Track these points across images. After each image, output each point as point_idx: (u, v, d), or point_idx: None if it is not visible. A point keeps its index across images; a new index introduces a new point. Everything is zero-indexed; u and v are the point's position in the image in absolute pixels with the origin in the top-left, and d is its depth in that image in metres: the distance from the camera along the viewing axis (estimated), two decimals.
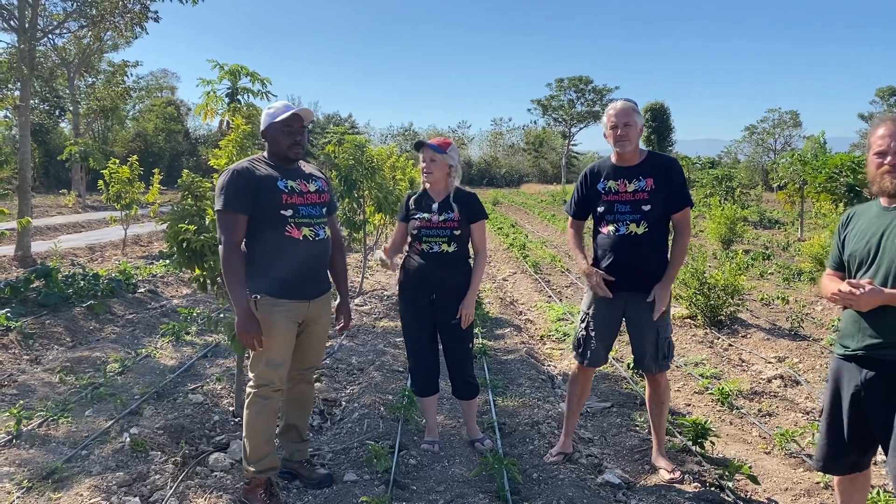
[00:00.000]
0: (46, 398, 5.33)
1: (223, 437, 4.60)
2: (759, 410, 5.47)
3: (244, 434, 3.58)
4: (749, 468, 4.05)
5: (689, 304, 8.25)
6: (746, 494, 4.00)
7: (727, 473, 4.01)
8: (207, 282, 4.64)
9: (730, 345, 7.37)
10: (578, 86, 73.58)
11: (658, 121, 53.56)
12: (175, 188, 4.74)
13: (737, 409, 5.42)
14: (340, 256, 3.96)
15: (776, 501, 3.95)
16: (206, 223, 4.45)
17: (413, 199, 4.32)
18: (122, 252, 14.85)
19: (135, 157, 15.04)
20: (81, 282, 8.78)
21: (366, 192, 9.90)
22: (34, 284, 8.41)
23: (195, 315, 8.17)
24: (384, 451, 4.14)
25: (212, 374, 6.03)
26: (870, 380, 2.83)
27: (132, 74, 38.11)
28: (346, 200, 9.68)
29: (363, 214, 10.20)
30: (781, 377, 6.15)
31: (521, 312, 9.45)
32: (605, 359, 4.29)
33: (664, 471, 4.15)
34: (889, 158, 2.82)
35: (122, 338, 7.38)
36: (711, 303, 8.00)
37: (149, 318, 8.28)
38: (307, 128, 3.72)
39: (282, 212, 3.51)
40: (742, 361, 6.83)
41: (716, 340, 7.58)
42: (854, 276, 2.92)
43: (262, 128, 3.65)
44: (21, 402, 4.95)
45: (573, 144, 76.36)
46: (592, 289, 4.06)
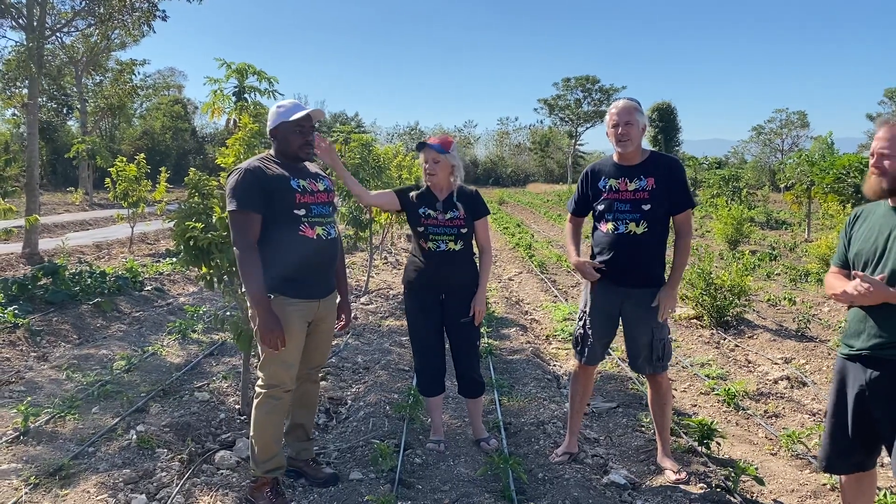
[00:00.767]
0: (53, 395, 5.36)
1: (229, 435, 4.62)
2: (766, 411, 5.45)
3: (252, 434, 3.58)
4: (755, 469, 4.04)
5: (696, 305, 8.23)
6: (752, 496, 3.99)
7: (733, 474, 3.99)
8: (214, 280, 4.65)
9: (736, 345, 7.35)
10: (585, 85, 73.60)
11: (665, 121, 53.50)
12: (182, 186, 4.76)
13: (743, 410, 5.40)
14: (340, 255, 3.96)
15: (782, 503, 3.93)
16: (213, 221, 4.46)
17: (415, 195, 4.26)
18: (129, 250, 14.90)
19: (142, 156, 15.08)
20: (88, 279, 8.81)
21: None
22: (41, 282, 8.44)
23: (201, 313, 8.19)
24: (389, 450, 4.14)
25: (218, 373, 6.04)
26: (874, 379, 2.83)
27: (139, 73, 38.29)
28: (353, 199, 9.68)
29: (369, 213, 10.20)
30: (788, 378, 6.13)
31: (527, 312, 9.44)
32: (603, 357, 4.30)
33: (670, 471, 4.15)
34: (873, 160, 2.87)
35: (129, 335, 7.40)
36: (718, 303, 7.98)
37: (155, 316, 8.31)
38: (316, 128, 3.72)
39: (295, 211, 3.50)
40: (748, 362, 6.81)
41: (722, 341, 7.56)
42: None
43: (272, 126, 3.62)
44: (28, 399, 4.97)
45: (579, 144, 76.34)
46: (584, 276, 4.09)
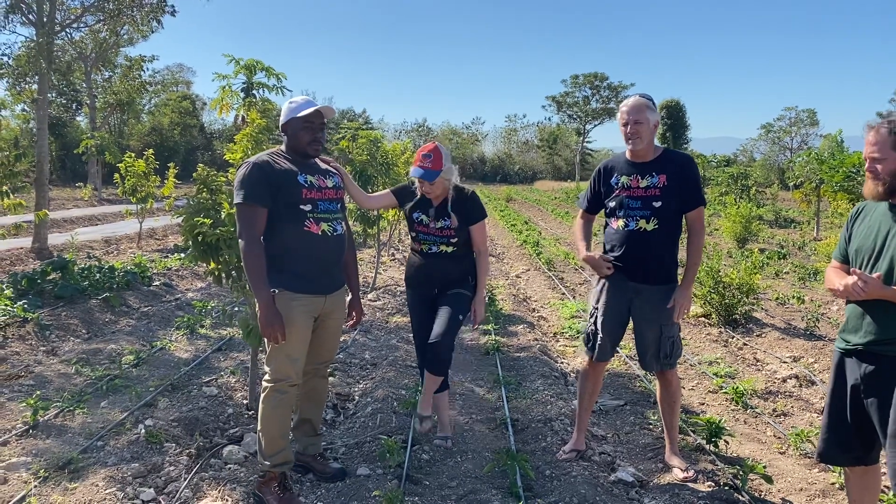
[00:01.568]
0: (62, 389, 5.38)
1: (237, 430, 4.63)
2: (774, 410, 5.43)
3: (259, 428, 3.59)
4: (763, 468, 4.03)
5: (704, 303, 8.21)
6: (760, 494, 3.97)
7: (741, 473, 3.98)
8: (222, 275, 4.66)
9: (744, 344, 7.33)
10: (594, 82, 73.41)
11: (673, 118, 53.32)
12: (190, 182, 4.76)
13: (751, 409, 5.38)
14: (351, 252, 3.96)
15: (790, 502, 3.92)
16: (222, 217, 4.46)
17: (412, 198, 4.19)
18: (138, 245, 14.94)
19: (150, 151, 15.09)
20: (97, 274, 8.85)
21: (380, 188, 9.90)
22: (51, 276, 8.48)
23: (210, 308, 8.21)
24: (397, 446, 4.14)
25: (226, 368, 6.06)
26: (869, 374, 2.86)
27: (148, 69, 38.29)
28: None
29: (377, 210, 10.20)
30: (796, 377, 6.11)
31: (535, 309, 9.43)
32: (612, 353, 4.28)
33: (678, 469, 4.14)
34: (867, 165, 2.90)
35: (137, 330, 7.43)
36: (726, 302, 7.96)
37: (164, 311, 8.33)
38: (326, 125, 3.72)
39: (301, 206, 3.51)
40: (757, 361, 6.79)
41: (730, 339, 7.54)
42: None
43: (283, 122, 3.64)
44: (38, 393, 4.99)
45: (588, 141, 76.20)
46: (596, 271, 4.07)
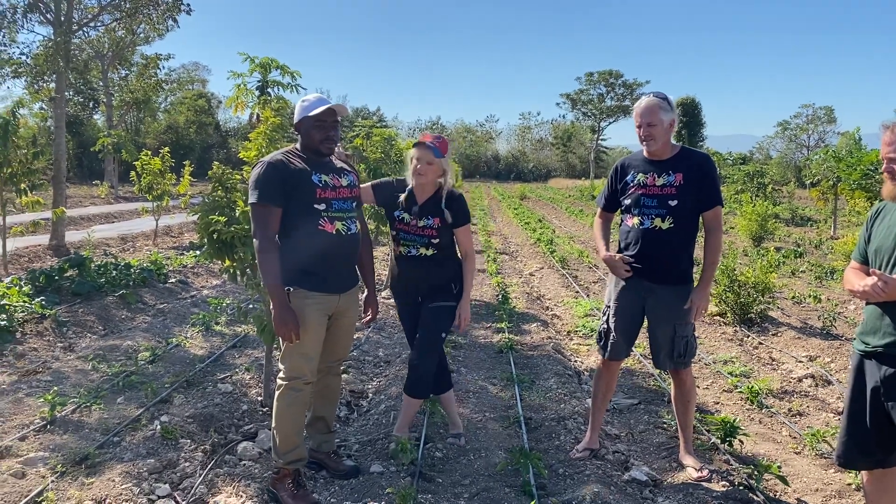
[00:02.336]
0: (79, 385, 5.43)
1: (251, 427, 4.66)
2: (790, 410, 5.39)
3: (274, 425, 3.61)
4: (778, 468, 4.00)
5: (719, 302, 8.16)
6: (776, 494, 3.95)
7: (756, 473, 3.96)
8: (237, 273, 4.69)
9: (760, 343, 7.28)
10: (608, 80, 73.11)
11: (688, 116, 53.00)
12: (205, 180, 4.80)
13: (766, 408, 5.35)
14: (367, 250, 3.97)
15: (806, 502, 3.90)
16: (237, 215, 4.49)
17: (399, 196, 4.11)
18: (154, 242, 15.05)
19: (166, 149, 15.21)
20: (114, 271, 8.92)
21: None
22: (68, 273, 8.56)
23: (224, 305, 8.26)
24: (410, 444, 4.15)
25: (240, 365, 6.09)
26: (889, 377, 2.83)
27: (164, 67, 38.55)
28: None
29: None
30: (812, 377, 6.06)
31: (548, 308, 9.41)
32: (627, 352, 4.27)
33: (692, 469, 4.12)
34: (884, 165, 2.87)
35: (153, 327, 7.48)
36: (741, 300, 7.91)
37: (179, 308, 8.39)
38: (339, 123, 3.73)
39: (315, 205, 3.53)
40: (772, 360, 6.75)
41: (745, 338, 7.49)
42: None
43: (296, 120, 3.66)
44: (55, 389, 5.04)
45: (602, 139, 75.94)
46: (614, 272, 4.05)
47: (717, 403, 5.54)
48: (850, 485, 4.01)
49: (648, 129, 3.85)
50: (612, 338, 4.12)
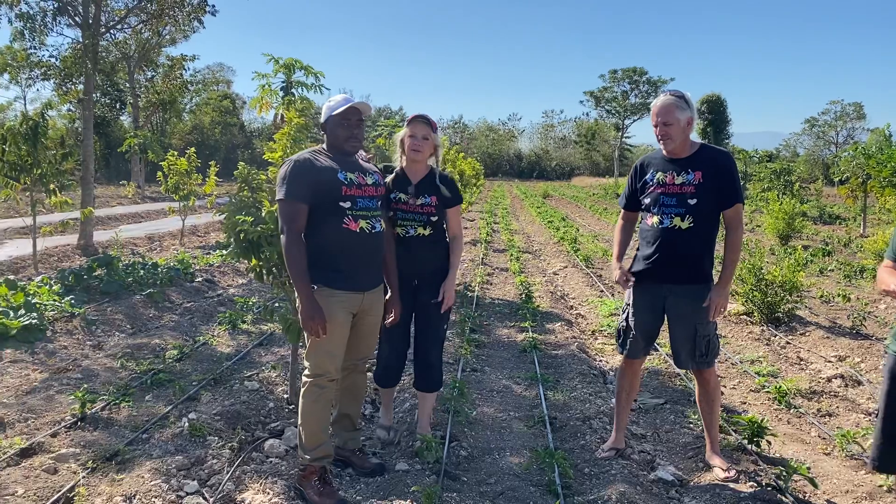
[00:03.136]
0: (109, 383, 5.51)
1: (278, 424, 4.69)
2: (818, 410, 5.33)
3: (300, 422, 3.64)
4: (807, 469, 3.95)
5: (746, 301, 8.08)
6: (804, 496, 3.90)
7: (784, 474, 3.91)
8: (263, 272, 4.72)
9: (787, 343, 7.20)
10: (633, 77, 72.63)
11: (714, 113, 52.36)
12: (231, 180, 4.85)
13: (794, 409, 5.29)
14: (390, 250, 3.98)
15: None
16: (263, 215, 4.53)
17: (389, 179, 4.13)
18: (180, 242, 15.21)
19: (192, 150, 15.35)
20: (141, 270, 9.04)
21: None
22: (96, 272, 8.69)
23: (251, 304, 8.33)
24: (435, 442, 4.16)
25: (267, 362, 6.14)
26: None
27: (189, 68, 38.92)
28: None
29: None
30: (842, 377, 5.98)
31: (572, 307, 9.38)
32: (647, 351, 4.25)
33: (719, 469, 4.08)
34: None
35: (180, 325, 7.56)
36: (768, 299, 7.82)
37: (206, 307, 8.47)
38: (364, 122, 3.75)
39: (340, 203, 3.55)
40: (800, 360, 6.66)
41: (773, 338, 7.41)
42: None
43: (322, 120, 3.71)
44: (85, 386, 5.12)
45: (626, 137, 75.40)
46: (617, 283, 4.14)
47: (744, 403, 5.48)
48: (882, 486, 3.95)
49: (664, 129, 3.82)
50: (631, 336, 4.11)
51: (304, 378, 3.64)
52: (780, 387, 5.49)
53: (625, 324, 4.16)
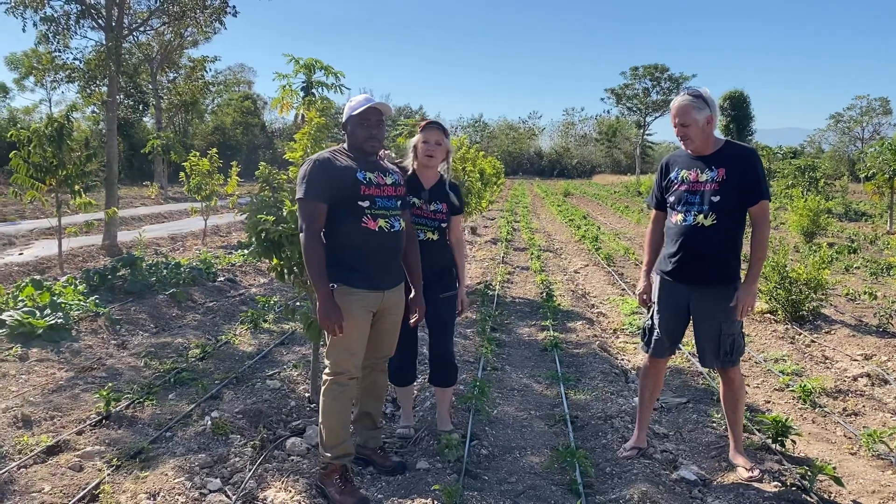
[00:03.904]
0: (133, 381, 5.57)
1: (300, 422, 4.71)
2: (844, 409, 5.25)
3: (320, 420, 3.66)
4: (833, 469, 3.90)
5: (770, 299, 7.99)
6: (830, 496, 3.85)
7: (809, 474, 3.86)
8: (285, 271, 4.75)
9: (812, 341, 7.11)
10: (654, 74, 71.99)
11: (737, 109, 51.88)
12: (252, 180, 4.88)
13: (819, 408, 5.22)
14: (414, 249, 3.97)
15: None
16: (284, 214, 4.55)
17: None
18: (202, 242, 15.34)
19: (214, 150, 15.47)
20: (164, 270, 9.12)
21: None
22: (120, 272, 8.79)
23: (272, 303, 8.38)
24: (456, 441, 4.16)
25: (288, 361, 6.17)
26: None
27: (211, 69, 39.32)
28: None
29: None
30: (868, 375, 5.89)
31: (594, 305, 9.33)
32: (672, 350, 4.22)
33: (742, 468, 4.04)
34: None
35: (203, 324, 7.63)
36: (793, 297, 7.72)
37: (228, 306, 8.54)
38: (384, 122, 3.75)
39: (359, 202, 3.56)
40: (825, 358, 6.58)
41: (797, 336, 7.32)
42: None
43: (343, 120, 3.73)
44: (110, 385, 5.18)
45: (648, 134, 74.85)
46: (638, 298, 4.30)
47: (769, 402, 5.42)
48: None
49: (683, 130, 3.81)
50: (656, 335, 4.08)
51: (325, 376, 3.66)
52: (805, 386, 5.43)
53: (650, 322, 4.14)
